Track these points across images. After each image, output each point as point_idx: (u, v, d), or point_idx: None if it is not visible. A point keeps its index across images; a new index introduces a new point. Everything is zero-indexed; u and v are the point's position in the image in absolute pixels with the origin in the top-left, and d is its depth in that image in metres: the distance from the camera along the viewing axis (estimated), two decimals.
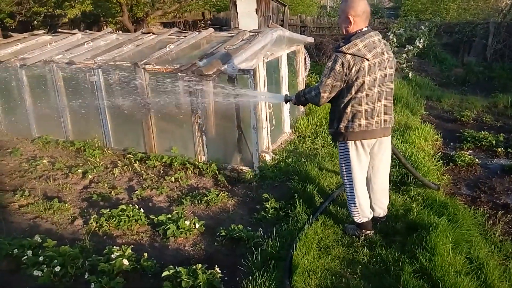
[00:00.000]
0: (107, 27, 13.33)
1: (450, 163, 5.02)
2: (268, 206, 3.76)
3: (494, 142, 5.55)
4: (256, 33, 5.22)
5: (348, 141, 3.07)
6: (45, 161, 5.06)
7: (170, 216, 3.49)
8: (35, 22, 13.56)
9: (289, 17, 14.61)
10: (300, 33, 13.19)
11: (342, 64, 2.83)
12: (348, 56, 2.83)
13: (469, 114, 6.94)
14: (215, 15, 15.77)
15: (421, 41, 8.23)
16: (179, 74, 4.48)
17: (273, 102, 4.86)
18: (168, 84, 4.80)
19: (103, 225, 3.51)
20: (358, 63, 2.85)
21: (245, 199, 4.19)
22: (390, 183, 3.92)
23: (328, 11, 22.86)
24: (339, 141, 3.13)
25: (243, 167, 4.79)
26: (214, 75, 4.30)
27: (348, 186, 3.19)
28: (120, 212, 3.55)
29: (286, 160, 4.97)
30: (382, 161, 3.22)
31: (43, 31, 7.25)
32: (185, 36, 5.76)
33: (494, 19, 11.57)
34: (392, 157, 3.37)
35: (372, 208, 3.33)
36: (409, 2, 18.90)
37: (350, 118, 2.99)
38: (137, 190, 4.30)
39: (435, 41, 11.37)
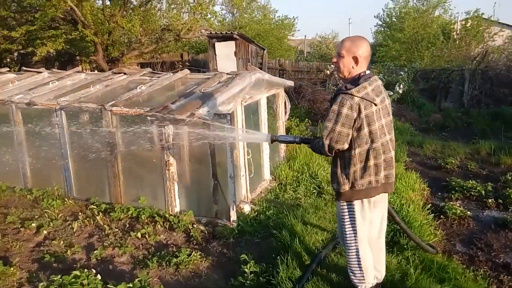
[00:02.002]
0: (81, 66, 13.02)
1: (441, 216, 4.69)
2: (246, 270, 3.28)
3: (483, 192, 5.29)
4: (234, 76, 4.93)
5: (354, 201, 2.70)
6: None
7: (131, 285, 2.96)
8: (8, 59, 13.14)
9: (268, 60, 14.66)
10: (279, 77, 13.18)
11: (351, 107, 2.51)
12: (357, 99, 2.52)
13: (453, 161, 6.74)
14: (194, 57, 15.70)
15: (401, 86, 8.19)
16: (148, 118, 4.08)
17: (256, 141, 4.49)
18: (137, 128, 4.39)
19: None
20: (368, 107, 2.55)
21: (220, 259, 3.70)
22: None
23: (305, 55, 23.33)
24: (344, 201, 2.75)
25: (219, 220, 4.33)
26: (188, 119, 3.92)
27: (352, 248, 2.78)
28: (72, 280, 3.00)
29: (267, 211, 4.54)
30: (380, 216, 2.85)
31: (7, 69, 6.79)
32: (159, 77, 5.43)
33: (469, 66, 11.82)
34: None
35: None
36: (384, 49, 19.47)
37: (359, 174, 2.63)
38: (97, 249, 3.75)
39: (412, 86, 11.48)
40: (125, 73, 5.83)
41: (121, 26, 10.37)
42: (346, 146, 2.59)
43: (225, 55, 12.43)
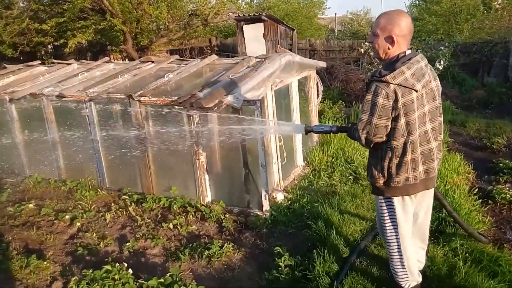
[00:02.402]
0: (112, 56, 13.12)
1: (489, 201, 4.36)
2: (281, 263, 3.14)
3: None
4: (263, 59, 4.71)
5: (393, 197, 2.46)
6: (31, 205, 4.53)
7: (162, 280, 2.88)
8: (43, 52, 13.42)
9: (298, 41, 14.27)
10: (310, 57, 12.80)
11: (387, 96, 2.22)
12: (393, 87, 2.22)
13: (499, 140, 6.28)
14: (222, 41, 15.50)
15: (441, 62, 7.68)
16: (176, 107, 3.96)
17: (289, 133, 4.26)
18: (166, 117, 4.29)
19: None
20: (406, 95, 2.24)
21: (253, 251, 3.58)
22: None
23: (336, 34, 22.62)
24: (382, 196, 2.52)
25: (252, 210, 4.20)
26: (216, 107, 3.77)
27: (393, 245, 2.55)
28: (104, 275, 2.96)
29: (301, 200, 4.38)
30: (424, 208, 2.61)
31: (39, 62, 6.86)
32: (186, 64, 5.30)
33: None
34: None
35: None
36: (419, 23, 18.53)
37: (394, 170, 2.37)
38: (129, 241, 3.72)
39: (452, 61, 10.83)
40: (152, 61, 5.73)
41: (149, 13, 10.29)
42: (384, 138, 2.33)
43: (253, 37, 12.16)
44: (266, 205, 4.15)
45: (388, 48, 2.34)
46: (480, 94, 10.18)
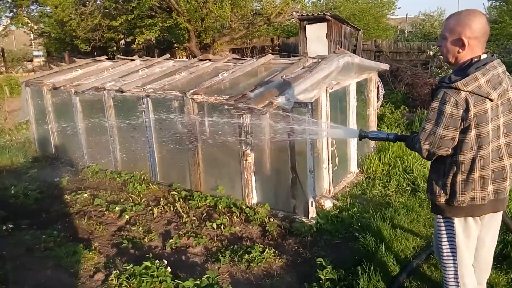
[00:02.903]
0: (177, 53, 13.55)
1: None
2: (322, 276, 2.96)
3: None
4: (320, 60, 4.53)
5: (454, 218, 2.21)
6: (86, 194, 4.73)
7: (198, 282, 2.84)
8: (114, 48, 14.21)
9: (363, 41, 13.78)
10: (375, 59, 12.29)
11: (456, 104, 1.97)
12: (464, 94, 1.97)
13: None
14: (284, 41, 15.39)
15: None
16: (226, 106, 3.92)
17: (342, 138, 4.04)
18: (217, 116, 4.28)
19: (123, 284, 2.95)
20: (479, 104, 1.99)
21: (295, 259, 3.43)
22: None
23: (406, 35, 21.59)
24: (441, 216, 2.27)
25: (297, 216, 4.05)
26: (266, 109, 3.67)
27: (450, 271, 2.30)
28: (143, 271, 2.99)
29: (351, 209, 4.15)
30: (491, 234, 2.31)
31: (105, 57, 7.20)
32: (242, 63, 5.25)
33: None
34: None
35: None
36: (499, 26, 17.11)
37: (459, 188, 2.11)
38: (172, 238, 3.74)
39: None
40: (210, 60, 5.77)
41: (213, 12, 10.45)
42: (450, 151, 2.07)
43: (316, 37, 11.91)
44: (312, 212, 3.98)
45: (458, 52, 2.08)
46: None
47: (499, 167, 2.12)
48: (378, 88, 6.32)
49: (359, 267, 2.99)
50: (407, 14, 25.28)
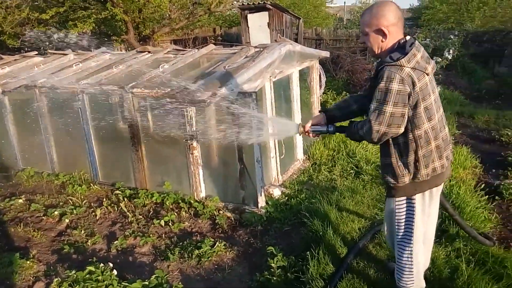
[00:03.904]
0: (115, 46, 12.95)
1: (496, 197, 4.15)
2: (273, 264, 2.98)
3: None
4: (262, 49, 4.52)
5: (415, 196, 2.28)
6: (21, 200, 4.42)
7: (147, 283, 2.75)
8: (47, 43, 13.32)
9: (304, 30, 13.97)
10: (316, 47, 12.51)
11: (402, 81, 2.03)
12: (407, 70, 2.04)
13: (509, 133, 6.04)
14: (227, 31, 15.26)
15: (451, 51, 7.39)
16: (168, 99, 3.80)
17: (282, 135, 3.98)
18: (159, 110, 4.13)
19: None
20: (421, 79, 2.09)
21: (247, 250, 3.43)
22: None
23: (345, 23, 22.20)
24: (403, 196, 2.32)
25: (247, 206, 4.04)
26: (209, 100, 3.60)
27: (406, 251, 2.36)
28: (87, 276, 2.84)
29: (299, 195, 4.21)
30: (436, 206, 2.42)
31: (35, 53, 6.72)
32: (183, 54, 5.11)
33: None
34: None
35: None
36: (430, 12, 18.10)
37: (422, 163, 2.19)
38: (118, 239, 3.59)
39: (462, 51, 10.49)
40: (149, 52, 5.56)
41: (150, 2, 10.08)
42: (402, 129, 2.12)
43: (258, 27, 11.90)
44: (261, 202, 3.99)
45: (382, 41, 2.19)
46: (490, 84, 9.88)
47: (445, 135, 2.26)
48: (320, 75, 6.44)
49: (308, 252, 3.03)
50: (345, 2, 26.16)
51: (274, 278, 2.90)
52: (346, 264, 2.94)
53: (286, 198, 4.21)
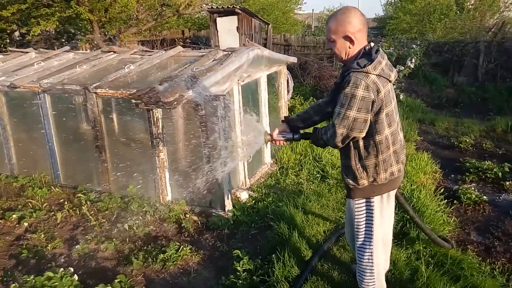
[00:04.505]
0: (80, 46, 12.60)
1: (455, 201, 4.33)
2: (239, 268, 2.97)
3: (500, 174, 4.89)
4: (230, 52, 4.52)
5: (374, 197, 2.33)
6: None
7: (110, 287, 2.68)
8: (7, 40, 12.77)
9: (273, 35, 14.10)
10: (284, 53, 12.65)
11: (367, 87, 2.09)
12: (373, 77, 2.10)
13: (467, 140, 6.32)
14: (195, 33, 15.18)
15: (413, 60, 7.67)
16: (133, 101, 3.73)
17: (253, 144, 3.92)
18: (124, 111, 4.06)
19: None
20: (385, 86, 2.15)
21: (213, 254, 3.40)
22: None
23: (313, 30, 22.58)
24: (362, 198, 2.37)
25: (214, 210, 4.02)
26: (176, 103, 3.56)
27: (366, 252, 2.42)
28: (45, 282, 2.73)
29: (266, 199, 4.23)
30: (393, 208, 2.49)
31: None
32: (150, 55, 5.04)
33: (484, 38, 11.17)
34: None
35: None
36: (394, 22, 18.72)
37: (381, 167, 2.26)
38: (79, 243, 3.48)
39: (424, 60, 10.90)
40: (115, 52, 5.45)
41: (117, 1, 9.88)
42: (363, 134, 2.19)
43: (227, 30, 11.90)
44: (228, 205, 3.98)
45: (349, 48, 2.23)
46: (450, 93, 10.30)
47: (401, 140, 2.34)
48: (287, 80, 6.52)
49: (273, 255, 3.05)
50: (313, 10, 26.54)
51: (240, 282, 2.89)
52: (311, 266, 2.97)
53: (254, 201, 4.22)
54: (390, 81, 2.20)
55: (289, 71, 7.62)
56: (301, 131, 2.56)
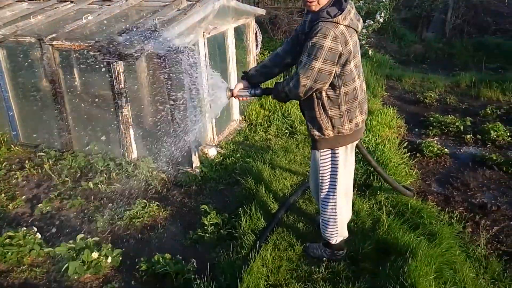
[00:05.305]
0: None
1: (417, 154, 4.45)
2: (206, 222, 2.99)
3: (461, 127, 5.05)
4: (195, 2, 4.31)
5: (339, 148, 2.34)
6: None
7: (73, 245, 2.64)
8: None
9: None
10: (254, 5, 12.24)
11: (335, 38, 2.02)
12: (341, 28, 2.02)
13: (432, 95, 6.44)
14: None
15: (382, 14, 7.59)
16: (91, 53, 3.54)
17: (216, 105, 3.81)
18: (84, 65, 3.86)
19: None
20: (353, 36, 2.09)
21: (180, 210, 3.40)
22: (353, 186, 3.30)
23: None
24: (328, 149, 2.37)
25: (181, 167, 3.98)
26: (137, 54, 3.40)
27: (330, 202, 2.46)
28: (6, 241, 2.66)
29: (234, 155, 4.22)
30: (353, 158, 2.53)
31: None
32: (109, 5, 4.75)
33: None
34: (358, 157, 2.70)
35: None
36: None
37: (346, 118, 2.25)
38: (42, 202, 3.39)
39: (394, 15, 10.82)
40: (72, 1, 5.10)
41: None
42: (326, 86, 2.15)
43: None
44: (196, 161, 3.95)
45: None
46: (418, 49, 10.35)
47: (363, 91, 2.32)
48: (256, 34, 6.34)
49: (240, 208, 3.07)
50: None
51: (207, 235, 2.92)
52: (277, 219, 3.02)
53: (222, 158, 4.20)
54: (357, 32, 2.14)
55: (259, 25, 7.42)
56: (262, 85, 2.50)
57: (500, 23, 10.89)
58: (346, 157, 2.38)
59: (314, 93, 2.20)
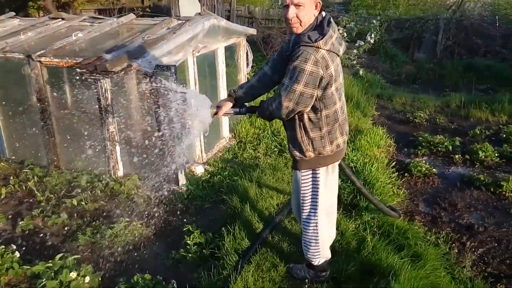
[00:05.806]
0: (31, 13, 11.84)
1: (406, 174, 4.46)
2: (189, 241, 2.94)
3: (450, 147, 5.08)
4: (184, 21, 4.36)
5: (319, 169, 2.33)
6: None
7: (51, 264, 2.58)
8: None
9: (237, 7, 13.78)
10: (248, 25, 12.40)
11: (316, 63, 2.03)
12: (322, 52, 2.04)
13: (422, 115, 6.49)
14: (156, 3, 14.58)
15: (372, 35, 7.71)
16: (78, 70, 3.53)
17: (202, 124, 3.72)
18: (73, 82, 3.85)
19: None
20: (334, 60, 2.11)
21: (165, 229, 3.35)
22: (339, 206, 3.28)
23: (279, 3, 22.23)
24: (309, 169, 2.35)
25: (167, 184, 3.94)
26: (123, 72, 3.41)
27: (311, 223, 2.43)
28: None
29: (222, 173, 4.19)
30: (336, 179, 2.51)
31: None
32: (100, 23, 4.78)
33: (444, 15, 11.37)
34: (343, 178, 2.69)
35: None
36: None
37: (327, 140, 2.26)
38: (24, 219, 3.33)
39: (385, 36, 11.00)
40: (63, 18, 5.14)
41: None
42: (308, 108, 2.15)
43: (188, 0, 11.50)
44: (182, 179, 3.92)
45: (314, 15, 2.14)
46: (409, 69, 10.48)
47: (344, 112, 2.33)
48: (247, 53, 6.39)
49: (223, 228, 3.03)
50: None
51: (190, 255, 2.87)
52: (261, 238, 2.98)
53: (209, 176, 4.17)
54: (338, 56, 2.16)
55: (252, 44, 7.49)
56: (247, 104, 2.50)
57: (490, 45, 11.07)
58: (327, 177, 2.37)
59: (296, 115, 2.20)
